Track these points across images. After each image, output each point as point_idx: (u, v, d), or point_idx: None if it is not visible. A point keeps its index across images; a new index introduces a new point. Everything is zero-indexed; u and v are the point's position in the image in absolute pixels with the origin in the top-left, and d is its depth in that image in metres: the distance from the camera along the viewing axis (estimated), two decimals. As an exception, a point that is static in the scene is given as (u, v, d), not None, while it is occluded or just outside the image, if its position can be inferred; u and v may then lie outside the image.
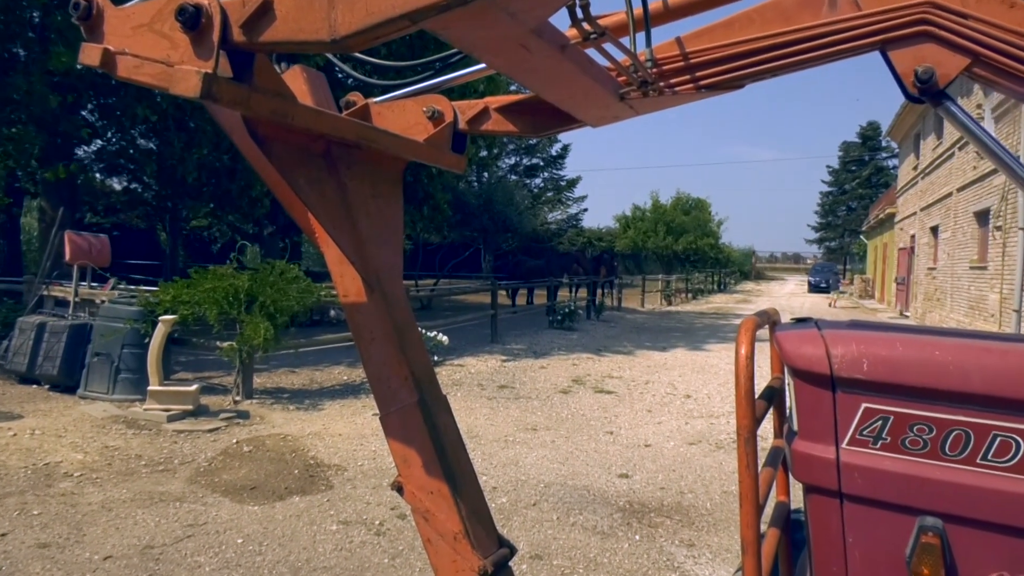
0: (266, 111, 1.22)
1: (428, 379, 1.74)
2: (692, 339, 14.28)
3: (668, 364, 10.74)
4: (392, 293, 1.67)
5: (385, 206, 1.67)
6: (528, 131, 1.76)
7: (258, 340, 6.77)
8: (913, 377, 1.20)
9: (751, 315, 1.49)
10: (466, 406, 7.39)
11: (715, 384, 9.07)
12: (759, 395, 1.56)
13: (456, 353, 10.90)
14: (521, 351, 11.54)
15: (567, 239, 42.83)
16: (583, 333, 14.65)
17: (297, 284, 7.34)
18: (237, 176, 12.50)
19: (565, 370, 9.89)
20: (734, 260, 52.69)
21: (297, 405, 7.15)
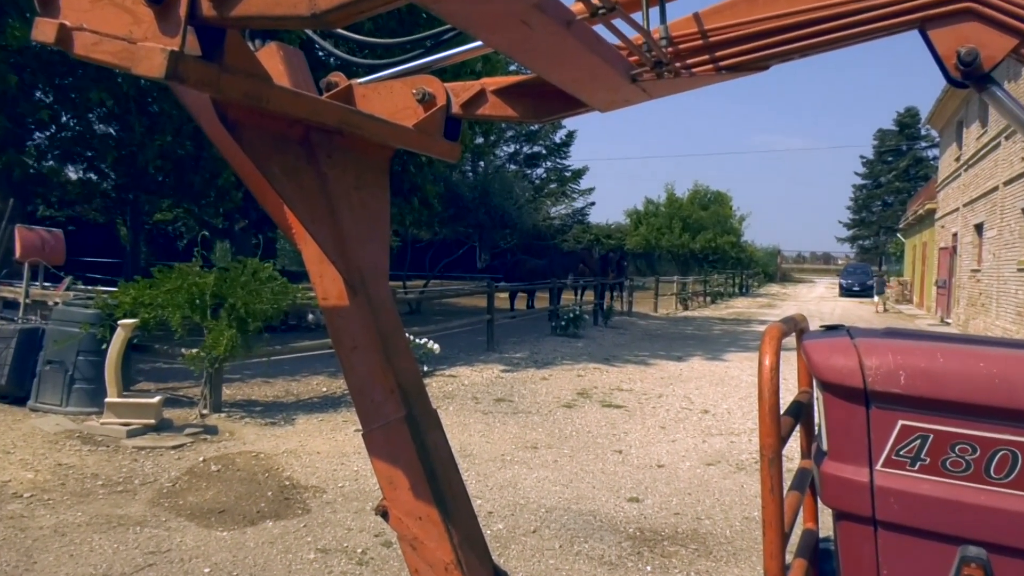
0: (238, 93, 1.22)
1: (416, 391, 1.74)
2: (710, 348, 14.30)
3: (684, 375, 10.75)
4: (377, 295, 1.67)
5: (370, 199, 1.67)
6: (529, 116, 1.76)
7: (219, 350, 6.76)
8: (955, 391, 1.20)
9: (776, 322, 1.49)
10: (459, 421, 7.38)
11: (736, 398, 9.07)
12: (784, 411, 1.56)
13: (448, 362, 10.90)
14: (521, 360, 11.55)
15: (572, 236, 42.93)
16: (589, 341, 14.66)
17: (271, 285, 7.33)
18: (204, 165, 12.49)
19: (569, 382, 9.90)
20: (757, 260, 52.79)
21: (271, 419, 7.15)
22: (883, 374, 1.25)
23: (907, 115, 56.64)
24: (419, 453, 1.67)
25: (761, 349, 1.35)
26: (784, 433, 1.41)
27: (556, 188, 41.31)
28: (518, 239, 37.72)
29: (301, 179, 1.49)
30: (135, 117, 11.23)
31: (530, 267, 21.15)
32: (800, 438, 1.86)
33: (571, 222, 42.62)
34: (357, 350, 1.67)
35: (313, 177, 1.52)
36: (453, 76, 10.18)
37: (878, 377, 1.25)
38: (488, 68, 12.22)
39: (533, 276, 20.05)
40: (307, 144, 1.51)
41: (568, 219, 42.37)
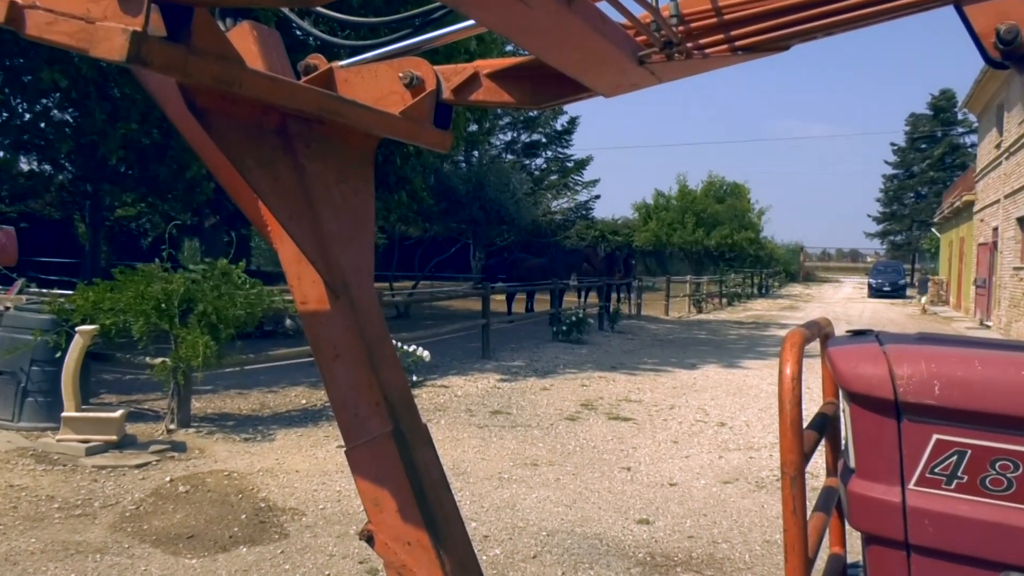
0: (207, 78, 1.22)
1: (404, 404, 1.74)
2: (727, 354, 14.32)
3: (698, 385, 10.76)
4: (361, 299, 1.67)
5: (353, 193, 1.67)
6: (527, 102, 1.76)
7: (197, 360, 6.76)
8: (995, 403, 1.20)
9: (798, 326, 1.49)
10: (451, 436, 7.38)
11: (755, 409, 9.09)
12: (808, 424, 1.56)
13: (439, 371, 10.90)
14: (519, 369, 11.56)
15: (575, 232, 42.96)
16: (594, 347, 14.67)
17: (245, 288, 7.33)
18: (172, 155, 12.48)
19: (572, 392, 9.90)
20: (778, 258, 52.89)
21: (245, 435, 7.14)
22: (915, 384, 1.25)
23: (942, 98, 56.66)
24: (407, 472, 1.67)
25: (782, 356, 1.35)
26: (807, 448, 1.41)
27: (557, 180, 41.29)
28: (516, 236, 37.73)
29: (277, 172, 1.49)
30: (95, 102, 11.20)
31: (529, 266, 21.17)
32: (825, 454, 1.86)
33: (574, 217, 42.62)
34: (339, 359, 1.67)
35: (290, 169, 1.52)
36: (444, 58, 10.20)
37: (910, 387, 1.26)
38: (482, 49, 12.23)
39: (532, 276, 20.07)
40: (284, 133, 1.51)
41: (570, 214, 42.37)
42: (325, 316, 1.66)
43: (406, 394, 1.76)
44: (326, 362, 1.67)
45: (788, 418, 1.31)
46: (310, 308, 1.68)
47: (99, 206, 18.25)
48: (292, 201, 1.53)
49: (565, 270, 19.92)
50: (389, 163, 14.51)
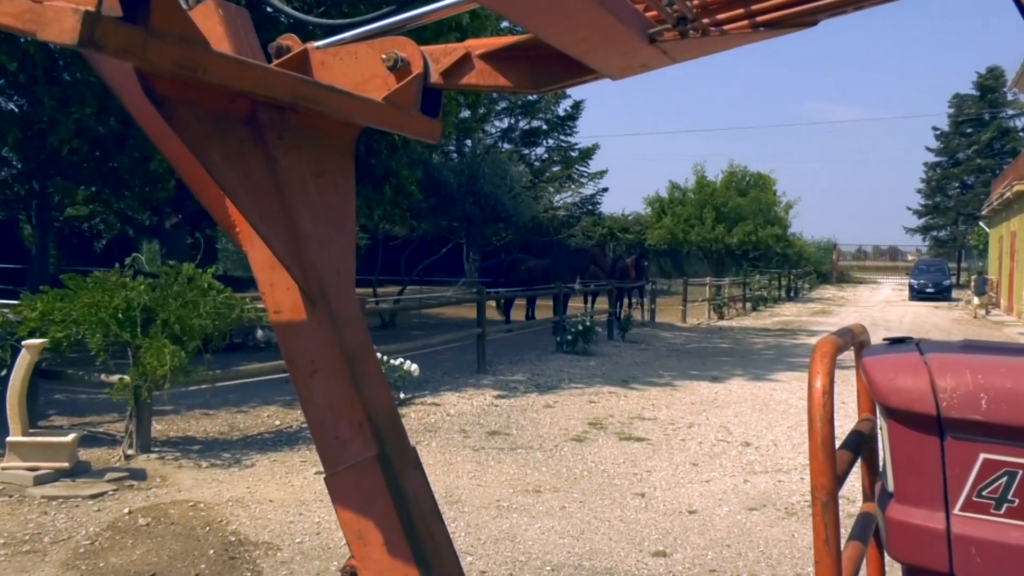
0: (168, 62, 1.22)
1: (390, 424, 1.74)
2: (752, 366, 14.33)
3: (720, 400, 10.77)
4: (341, 307, 1.68)
5: (331, 189, 1.68)
6: (525, 85, 1.77)
7: (163, 370, 6.75)
8: (1049, 417, 1.20)
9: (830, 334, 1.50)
10: (444, 460, 7.38)
11: (784, 427, 9.09)
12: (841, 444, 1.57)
13: (430, 387, 10.90)
14: (519, 384, 11.56)
15: (580, 230, 43.00)
16: (603, 359, 14.67)
17: (212, 295, 7.33)
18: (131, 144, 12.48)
19: (579, 409, 9.91)
20: (808, 257, 53.01)
21: (212, 461, 7.13)
22: (960, 397, 1.26)
23: (989, 77, 56.69)
24: (394, 500, 1.67)
25: (811, 368, 1.35)
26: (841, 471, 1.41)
27: (560, 171, 41.35)
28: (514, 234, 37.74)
29: (246, 166, 1.50)
30: (44, 87, 11.19)
31: (529, 269, 21.21)
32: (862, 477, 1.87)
33: (579, 213, 42.68)
34: (317, 375, 1.67)
35: (261, 163, 1.53)
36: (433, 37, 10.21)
37: (954, 401, 1.26)
38: (476, 26, 12.26)
39: (533, 280, 20.10)
40: (253, 123, 1.52)
41: (575, 209, 42.43)
42: (301, 327, 1.67)
43: (392, 413, 1.76)
44: (302, 378, 1.68)
45: (818, 437, 1.31)
46: (284, 318, 1.69)
47: (47, 205, 18.22)
48: (263, 198, 1.54)
49: (569, 272, 19.94)
50: (372, 155, 14.52)
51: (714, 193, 43.15)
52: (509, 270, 21.46)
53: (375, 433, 1.69)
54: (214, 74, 1.31)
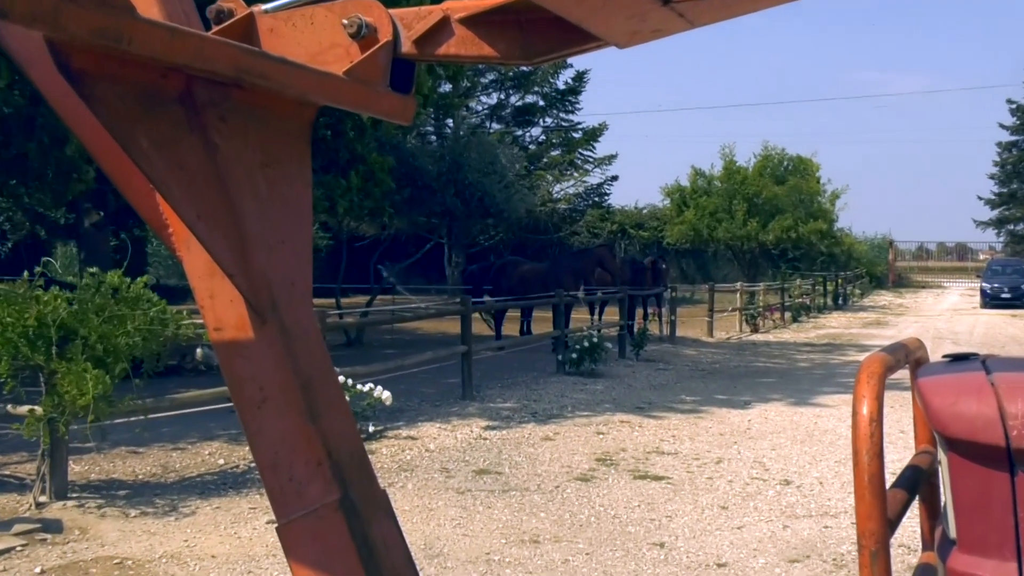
0: (85, 31, 1.23)
1: (356, 463, 1.75)
2: (793, 388, 14.36)
3: (754, 430, 10.79)
4: (295, 323, 1.68)
5: (284, 181, 1.68)
6: (515, 56, 1.77)
7: (83, 400, 6.72)
8: None
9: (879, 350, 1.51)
10: (422, 505, 7.37)
11: (830, 462, 9.11)
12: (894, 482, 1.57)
13: (406, 417, 10.89)
14: (512, 412, 11.56)
15: (585, 226, 43.05)
16: (614, 381, 14.68)
17: (142, 309, 7.31)
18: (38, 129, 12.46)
19: (585, 442, 9.91)
20: (859, 257, 53.06)
21: (143, 508, 7.11)
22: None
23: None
24: (360, 553, 1.67)
25: (856, 391, 1.36)
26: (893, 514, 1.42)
27: (560, 156, 41.49)
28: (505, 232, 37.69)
29: (181, 154, 1.50)
30: (-66, 61, 11.18)
31: (524, 274, 21.18)
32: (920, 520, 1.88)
33: (583, 206, 42.81)
34: (267, 404, 1.68)
35: (198, 151, 1.53)
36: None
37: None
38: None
39: (529, 287, 20.07)
40: (189, 103, 1.52)
41: (579, 202, 42.57)
42: (247, 346, 1.67)
43: (358, 449, 1.76)
44: (249, 408, 1.68)
45: (865, 473, 1.32)
46: (227, 336, 1.69)
47: (-60, 201, 18.16)
48: (201, 193, 1.54)
49: (572, 278, 19.93)
50: (334, 139, 14.53)
51: (745, 181, 43.16)
52: (499, 275, 21.42)
53: (337, 473, 1.69)
54: (141, 44, 1.31)
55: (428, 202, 26.40)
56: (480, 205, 27.02)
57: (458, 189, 26.40)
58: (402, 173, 23.31)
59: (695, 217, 42.97)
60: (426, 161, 26.40)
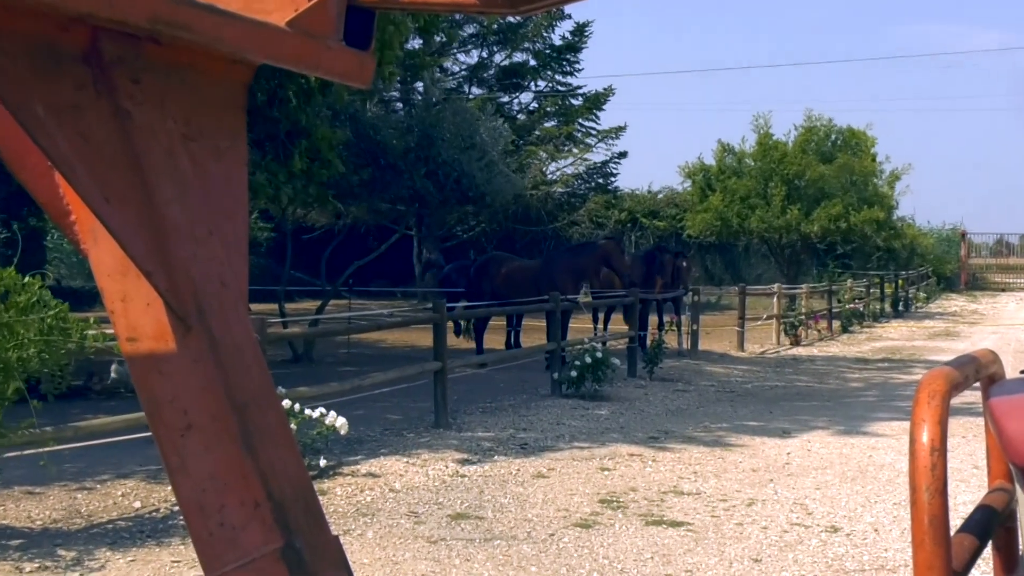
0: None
1: (302, 505, 1.75)
2: (843, 414, 14.40)
3: (794, 464, 10.81)
4: (227, 332, 1.68)
5: (212, 158, 1.68)
6: (499, 2, 1.78)
7: None
8: None
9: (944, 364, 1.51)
10: (386, 557, 7.36)
11: (888, 503, 9.14)
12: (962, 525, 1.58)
13: (365, 450, 10.87)
14: (496, 443, 11.55)
15: (587, 215, 43.06)
16: (622, 405, 14.70)
17: (39, 316, 7.29)
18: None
19: (586, 480, 9.91)
20: (924, 253, 53.05)
21: (42, 561, 7.07)
22: None
23: None
24: (309, 617, 1.67)
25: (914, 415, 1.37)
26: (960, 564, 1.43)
27: (557, 128, 41.46)
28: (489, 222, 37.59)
29: (85, 125, 1.50)
30: None
31: (511, 274, 21.16)
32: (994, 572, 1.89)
33: (585, 189, 42.82)
34: (192, 432, 1.68)
35: (107, 120, 1.53)
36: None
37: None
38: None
39: (518, 290, 20.07)
40: (95, 62, 1.52)
41: (579, 184, 42.57)
42: (168, 361, 1.67)
43: (304, 488, 1.76)
44: (171, 438, 1.68)
45: (924, 515, 1.33)
46: (143, 348, 1.69)
47: None
48: (110, 172, 1.53)
49: (571, 278, 19.94)
50: (275, 106, 14.50)
51: (784, 159, 43.06)
52: (481, 275, 21.40)
53: (279, 517, 1.69)
54: (34, -10, 1.31)
55: (393, 185, 26.26)
56: (457, 188, 26.91)
57: (430, 169, 26.30)
58: (360, 149, 23.22)
59: (722, 203, 42.81)
60: (390, 134, 26.31)
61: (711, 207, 42.61)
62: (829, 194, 41.99)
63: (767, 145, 43.53)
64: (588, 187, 42.83)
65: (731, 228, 42.97)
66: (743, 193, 42.51)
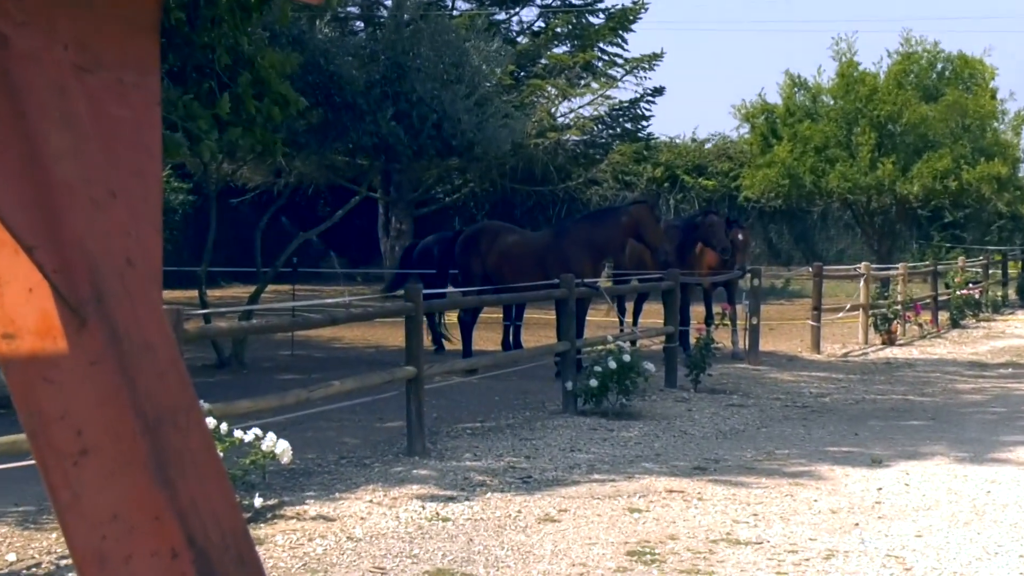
0: None
1: (234, 555, 1.76)
2: (953, 436, 14.39)
3: (888, 504, 10.80)
4: (135, 326, 1.69)
5: (114, 97, 1.69)
6: None
7: None
8: None
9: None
10: (343, 628, 7.36)
11: (1014, 554, 9.10)
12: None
13: (316, 483, 10.87)
14: (489, 474, 11.54)
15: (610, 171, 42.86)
16: (657, 424, 14.69)
17: None
18: None
19: (610, 525, 9.92)
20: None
21: None
22: None
23: None
24: None
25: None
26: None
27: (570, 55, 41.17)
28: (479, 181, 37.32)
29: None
30: None
31: (508, 250, 21.08)
32: None
33: (607, 137, 42.58)
34: (89, 459, 1.69)
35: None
36: None
37: None
38: None
39: (517, 272, 20.03)
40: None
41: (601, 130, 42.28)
42: (57, 364, 1.68)
43: (237, 533, 1.78)
44: (60, 466, 1.69)
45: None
46: (23, 348, 1.70)
47: None
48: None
49: (590, 254, 19.89)
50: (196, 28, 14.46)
51: (875, 96, 42.66)
52: (469, 252, 21.30)
53: (203, 571, 1.71)
54: None
55: (351, 131, 26.01)
56: (436, 135, 26.69)
57: (400, 109, 26.10)
58: (307, 84, 23.07)
59: (791, 155, 42.36)
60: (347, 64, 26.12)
61: (776, 160, 42.05)
62: (934, 143, 41.53)
63: (851, 78, 42.99)
64: (612, 134, 42.47)
65: (803, 188, 42.45)
66: (819, 142, 42.01)
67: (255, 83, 15.16)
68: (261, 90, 15.30)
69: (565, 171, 40.24)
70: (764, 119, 43.68)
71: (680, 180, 46.16)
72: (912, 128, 41.30)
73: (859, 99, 41.93)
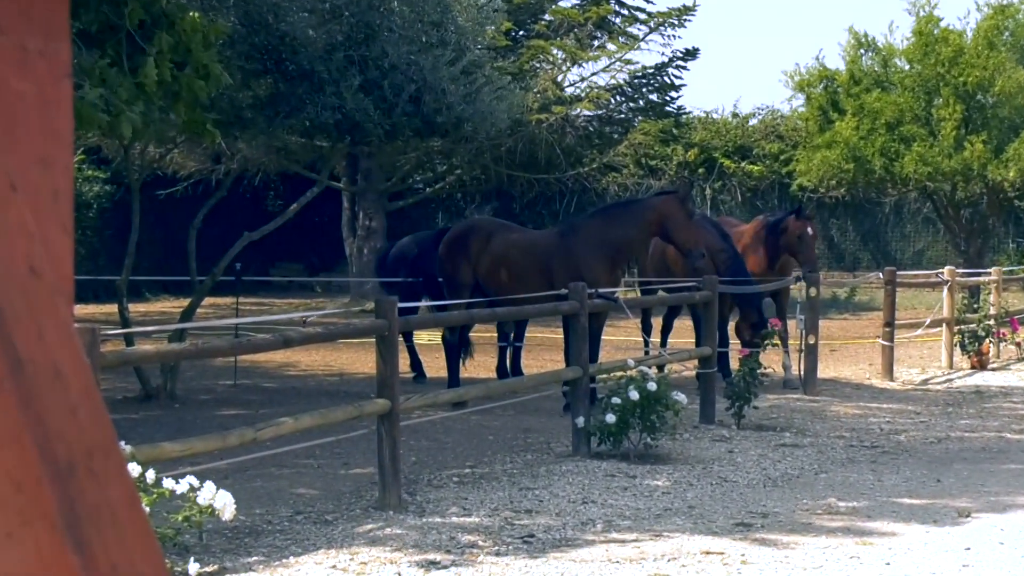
0: None
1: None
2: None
3: (977, 566, 10.79)
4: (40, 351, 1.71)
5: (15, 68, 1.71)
6: None
7: None
8: None
9: None
10: None
11: None
12: None
13: (265, 545, 10.89)
14: (482, 533, 11.55)
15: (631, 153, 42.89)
16: (690, 469, 14.71)
17: None
18: None
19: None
20: None
21: None
22: None
23: None
24: None
25: None
26: None
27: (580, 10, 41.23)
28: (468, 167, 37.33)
29: None
30: None
31: (507, 250, 21.13)
32: None
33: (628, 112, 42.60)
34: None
35: None
36: None
37: None
38: None
39: (516, 278, 20.10)
40: None
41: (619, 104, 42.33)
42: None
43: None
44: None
45: None
46: None
47: None
48: None
49: (606, 257, 19.94)
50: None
51: (960, 60, 42.67)
52: (457, 255, 21.37)
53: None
54: None
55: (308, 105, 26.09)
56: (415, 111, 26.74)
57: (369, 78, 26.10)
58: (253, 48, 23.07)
59: (857, 133, 42.23)
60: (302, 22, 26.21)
61: (838, 140, 41.68)
62: (1036, 118, 41.53)
63: (931, 37, 42.76)
64: (633, 108, 42.51)
65: (872, 174, 42.15)
66: (892, 116, 41.78)
67: (175, 48, 15.13)
68: (184, 58, 15.26)
69: (575, 154, 40.15)
70: (823, 89, 43.50)
71: (719, 165, 46.11)
72: (1007, 99, 40.99)
73: (941, 63, 41.54)
